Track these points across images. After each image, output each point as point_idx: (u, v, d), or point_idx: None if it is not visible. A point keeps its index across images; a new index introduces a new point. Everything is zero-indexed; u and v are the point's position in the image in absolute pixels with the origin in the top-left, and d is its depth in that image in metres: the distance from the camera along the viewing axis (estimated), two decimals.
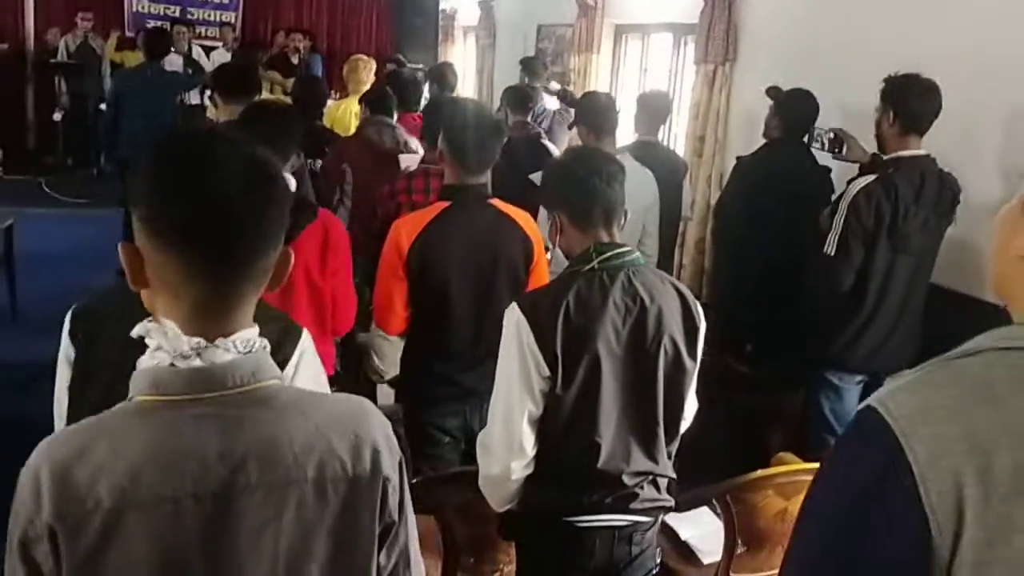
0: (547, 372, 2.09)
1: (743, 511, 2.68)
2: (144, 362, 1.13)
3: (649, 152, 4.45)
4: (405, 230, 2.87)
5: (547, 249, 3.02)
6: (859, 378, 3.55)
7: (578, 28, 7.57)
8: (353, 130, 6.13)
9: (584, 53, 7.48)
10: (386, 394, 3.80)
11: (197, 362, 1.11)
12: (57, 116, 10.19)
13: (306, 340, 1.75)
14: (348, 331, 3.15)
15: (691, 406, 2.32)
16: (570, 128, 4.73)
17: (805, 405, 3.79)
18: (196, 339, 1.11)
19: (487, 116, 3.03)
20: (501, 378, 2.15)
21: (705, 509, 2.95)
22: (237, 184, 1.10)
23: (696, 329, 2.21)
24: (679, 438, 2.31)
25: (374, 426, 1.21)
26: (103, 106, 10.00)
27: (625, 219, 2.23)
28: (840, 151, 3.88)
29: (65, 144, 10.27)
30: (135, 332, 1.16)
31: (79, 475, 1.05)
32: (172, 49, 7.58)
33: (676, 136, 6.39)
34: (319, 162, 4.82)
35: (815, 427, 3.61)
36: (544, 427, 2.14)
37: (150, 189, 1.11)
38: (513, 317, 2.11)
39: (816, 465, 2.78)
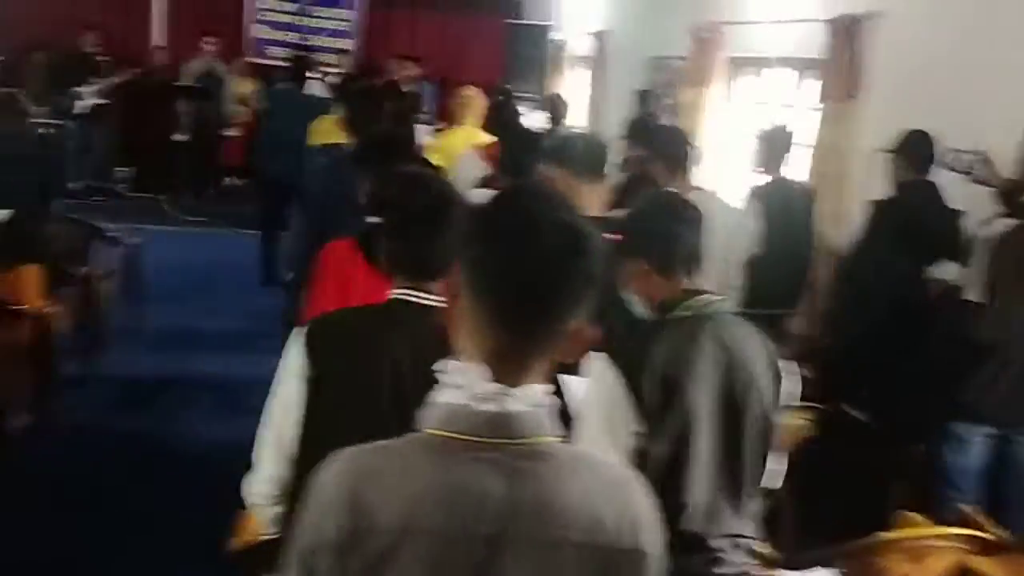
0: (636, 427, 1.99)
1: (865, 574, 2.55)
2: (441, 396, 1.17)
3: (779, 189, 4.37)
4: None
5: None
6: (988, 431, 3.37)
7: (691, 61, 7.48)
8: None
9: (696, 87, 7.38)
10: None
11: (492, 407, 1.14)
12: (181, 138, 10.60)
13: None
14: None
15: (780, 463, 2.20)
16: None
17: (928, 459, 3.61)
18: (495, 384, 1.15)
19: (598, 141, 3.04)
20: (585, 434, 2.04)
21: (820, 568, 2.82)
22: (548, 249, 1.15)
23: (781, 380, 2.12)
24: (764, 497, 2.19)
25: (640, 499, 1.22)
26: (228, 131, 10.49)
27: (703, 264, 2.17)
28: (976, 174, 3.71)
29: (187, 165, 10.66)
30: (439, 367, 1.20)
31: (369, 495, 1.11)
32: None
33: (795, 174, 6.24)
34: None
35: (939, 483, 3.43)
36: None
37: (472, 231, 1.19)
38: (598, 368, 2.02)
39: (948, 529, 2.63)
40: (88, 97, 9.87)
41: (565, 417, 2.10)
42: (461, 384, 1.16)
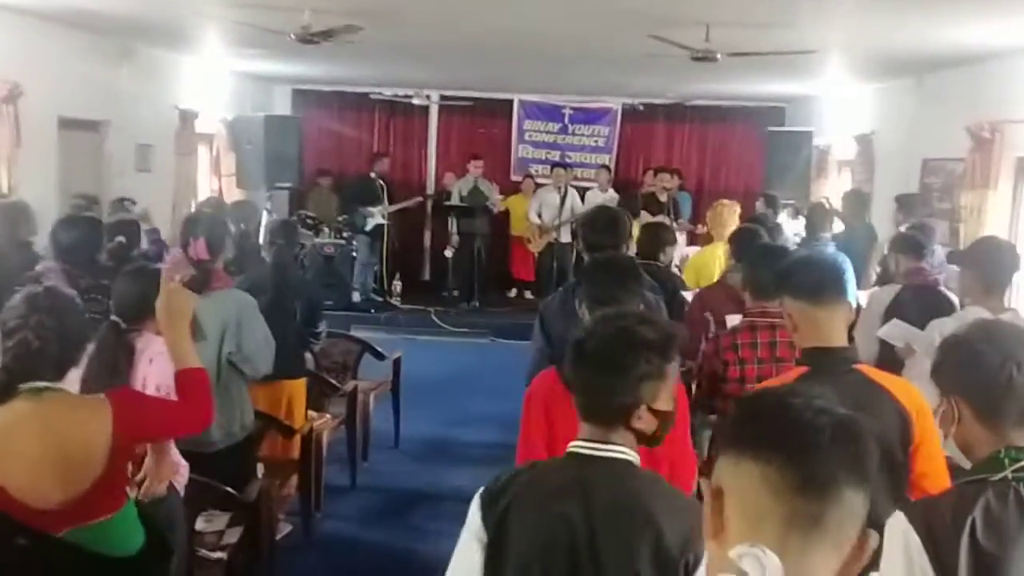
0: None
1: None
2: None
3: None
4: None
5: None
6: None
7: (971, 162, 6.92)
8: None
9: (978, 190, 6.79)
10: None
11: None
12: (448, 253, 11.19)
13: None
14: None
15: None
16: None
17: None
18: None
19: (829, 262, 2.79)
20: None
21: None
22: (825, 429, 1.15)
23: None
24: None
25: None
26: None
27: None
28: None
29: (454, 278, 11.22)
30: (733, 553, 1.07)
31: None
32: None
33: None
34: None
35: None
36: None
37: (735, 434, 1.13)
38: (898, 530, 1.71)
39: None
40: (374, 217, 10.71)
41: None
42: (754, 572, 1.03)
